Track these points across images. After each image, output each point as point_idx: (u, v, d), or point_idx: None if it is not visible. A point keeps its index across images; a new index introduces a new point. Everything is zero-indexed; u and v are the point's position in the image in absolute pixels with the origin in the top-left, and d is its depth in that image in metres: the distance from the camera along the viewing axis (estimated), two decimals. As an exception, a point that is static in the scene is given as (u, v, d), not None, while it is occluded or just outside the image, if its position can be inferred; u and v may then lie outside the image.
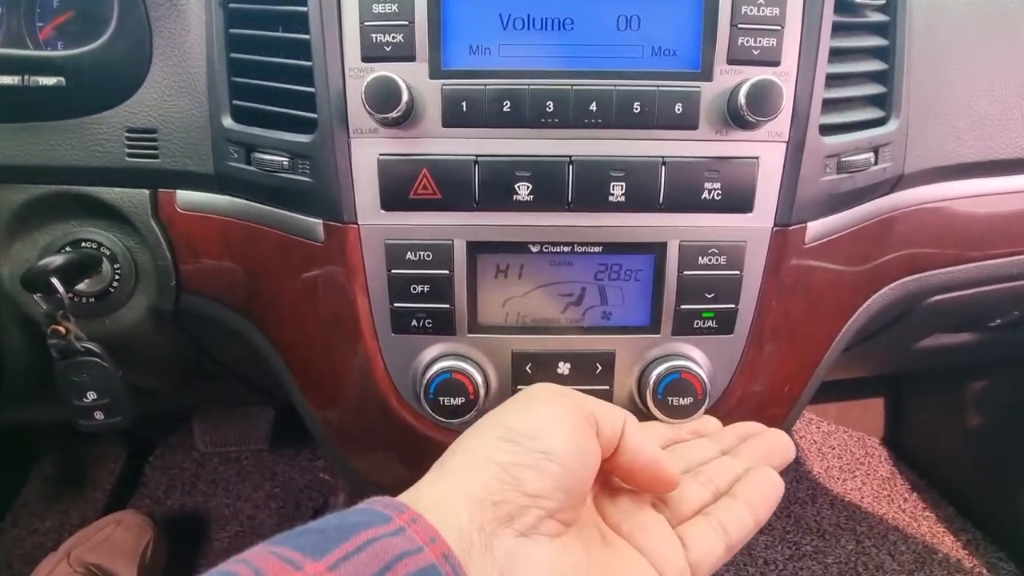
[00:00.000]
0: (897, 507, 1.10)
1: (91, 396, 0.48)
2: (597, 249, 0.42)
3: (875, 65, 0.43)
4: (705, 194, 0.40)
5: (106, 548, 0.87)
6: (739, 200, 0.40)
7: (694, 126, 0.39)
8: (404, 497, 0.27)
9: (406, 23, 0.37)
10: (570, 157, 0.39)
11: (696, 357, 0.43)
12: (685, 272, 0.41)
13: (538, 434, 0.28)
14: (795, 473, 1.17)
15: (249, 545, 0.23)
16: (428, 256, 0.41)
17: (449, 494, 0.26)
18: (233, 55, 0.42)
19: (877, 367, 0.95)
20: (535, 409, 0.30)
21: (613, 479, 0.34)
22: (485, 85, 0.38)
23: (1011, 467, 0.97)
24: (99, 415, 0.49)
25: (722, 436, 0.39)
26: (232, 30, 0.42)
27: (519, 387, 0.44)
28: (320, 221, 0.42)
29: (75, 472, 1.09)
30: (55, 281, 0.43)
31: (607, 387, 0.44)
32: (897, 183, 0.46)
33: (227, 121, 0.43)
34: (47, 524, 1.03)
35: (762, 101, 0.37)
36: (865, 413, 1.26)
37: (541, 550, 0.27)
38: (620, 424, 0.32)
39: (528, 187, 0.39)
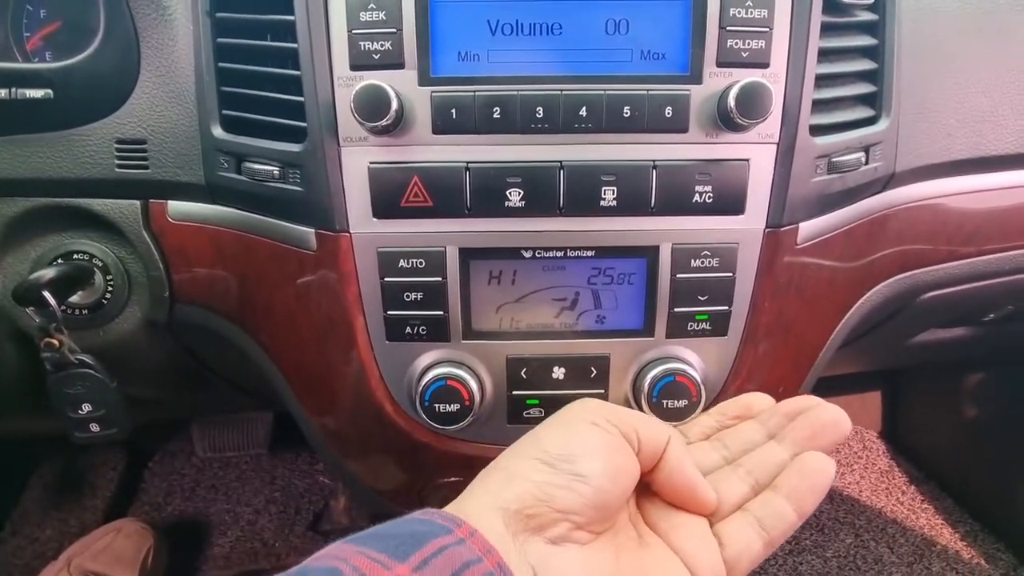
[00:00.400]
0: (895, 500, 1.10)
1: (86, 408, 0.48)
2: (590, 253, 0.42)
3: (865, 64, 0.43)
4: (696, 197, 0.40)
5: (107, 556, 0.87)
6: (730, 202, 0.40)
7: (684, 129, 0.39)
8: (451, 508, 0.29)
9: (394, 31, 0.37)
10: (561, 162, 0.39)
11: (690, 359, 0.44)
12: (678, 275, 0.41)
13: (575, 458, 0.29)
14: (794, 468, 1.18)
15: (250, 551, 0.24)
16: (421, 263, 0.41)
17: (488, 505, 0.29)
18: (221, 65, 0.42)
19: (873, 363, 0.95)
20: (574, 431, 0.31)
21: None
22: (475, 92, 0.38)
23: (1008, 458, 0.98)
24: (95, 427, 0.49)
25: (770, 416, 0.37)
26: (220, 39, 0.42)
27: (514, 392, 0.44)
28: (312, 230, 0.42)
29: (74, 480, 1.09)
30: (47, 294, 0.43)
31: (602, 391, 0.44)
32: (888, 182, 0.46)
33: (217, 131, 0.43)
34: (47, 533, 1.03)
35: (752, 103, 0.37)
36: (862, 407, 1.27)
37: (571, 555, 0.29)
38: (663, 442, 0.32)
39: (519, 193, 0.39)
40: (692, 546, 0.31)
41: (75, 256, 0.47)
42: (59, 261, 0.47)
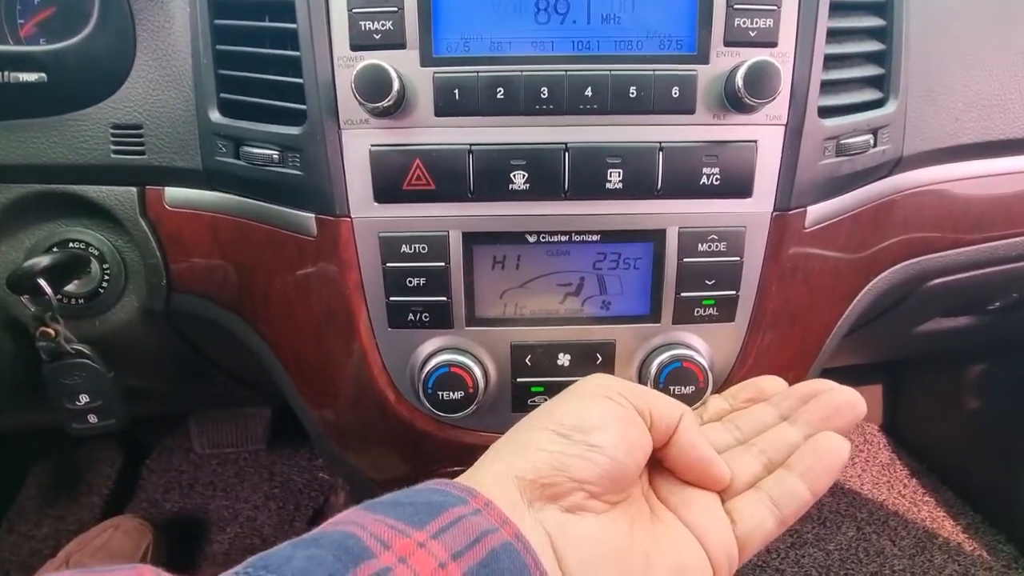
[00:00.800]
0: (897, 493, 1.10)
1: (84, 399, 0.47)
2: (595, 238, 0.41)
3: (873, 46, 0.43)
4: (704, 179, 0.39)
5: (105, 553, 0.86)
6: (738, 185, 0.40)
7: (691, 110, 0.38)
8: (464, 479, 0.29)
9: (395, 9, 0.36)
10: (566, 144, 0.38)
11: (697, 345, 0.43)
12: (685, 259, 0.41)
13: (588, 430, 0.29)
14: (795, 461, 1.18)
15: (249, 547, 0.24)
16: (423, 248, 0.40)
17: (503, 475, 0.28)
18: (219, 47, 0.41)
19: (876, 353, 0.95)
20: (587, 405, 0.31)
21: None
22: (478, 72, 0.37)
23: (1009, 450, 0.98)
24: (92, 418, 0.48)
25: (783, 399, 0.37)
26: (217, 21, 0.41)
27: (519, 380, 0.43)
28: (312, 215, 0.41)
29: (71, 477, 1.08)
30: (42, 282, 0.42)
31: (608, 377, 0.43)
32: (896, 166, 0.46)
33: (214, 115, 0.42)
34: (43, 531, 1.02)
35: (760, 83, 0.36)
36: (864, 400, 1.27)
37: (587, 523, 0.29)
38: (675, 419, 0.32)
39: (524, 176, 0.39)
40: (704, 521, 0.31)
41: (71, 244, 0.46)
42: (54, 249, 0.46)
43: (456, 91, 0.37)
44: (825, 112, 0.41)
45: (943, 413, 1.11)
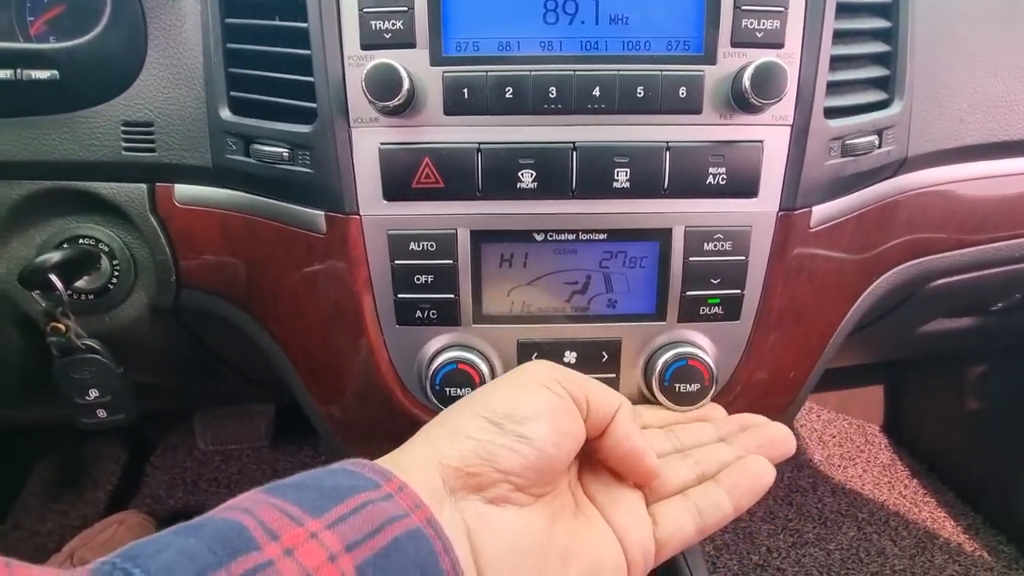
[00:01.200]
0: (898, 493, 1.10)
1: (93, 394, 0.47)
2: (602, 236, 0.41)
3: (878, 47, 0.43)
4: (710, 179, 0.39)
5: (109, 549, 0.86)
6: (744, 185, 0.40)
7: (698, 110, 0.39)
8: (386, 461, 0.28)
9: (405, 9, 0.37)
10: (574, 143, 0.39)
11: (702, 344, 0.43)
12: (690, 258, 0.41)
13: (521, 419, 0.29)
14: (796, 461, 1.18)
15: None
16: (432, 246, 0.41)
17: (428, 459, 0.28)
18: (230, 45, 0.42)
19: (879, 354, 0.95)
20: (523, 392, 0.31)
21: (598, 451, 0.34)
22: (487, 72, 0.38)
23: (1010, 452, 0.98)
24: (102, 413, 0.48)
25: (723, 424, 0.39)
26: (228, 20, 0.41)
27: (525, 377, 0.44)
28: (321, 212, 0.41)
29: (75, 473, 1.09)
30: (54, 278, 0.42)
31: (613, 375, 0.44)
32: (900, 166, 0.46)
33: (225, 113, 0.42)
34: (47, 526, 1.02)
35: (767, 83, 0.36)
36: (865, 401, 1.27)
37: (509, 516, 0.28)
38: (612, 410, 0.32)
39: (532, 174, 0.39)
40: (626, 520, 0.31)
41: (81, 240, 0.47)
42: (65, 245, 0.46)
43: (465, 90, 0.38)
44: (831, 113, 0.41)
45: (944, 414, 1.11)
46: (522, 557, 0.28)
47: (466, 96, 0.38)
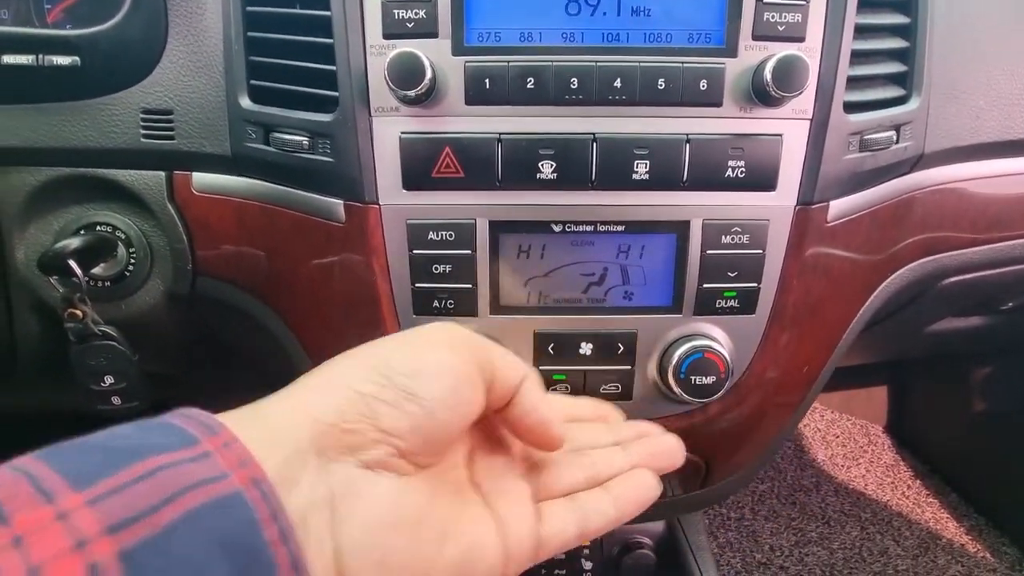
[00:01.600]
0: (901, 494, 1.11)
1: (108, 381, 0.47)
2: (620, 228, 0.41)
3: (897, 43, 0.43)
4: (729, 172, 0.40)
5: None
6: (763, 178, 0.40)
7: (718, 103, 0.39)
8: (247, 410, 0.24)
9: (429, -1, 0.37)
10: (594, 135, 0.39)
11: (718, 337, 0.43)
12: (708, 251, 0.41)
13: (415, 375, 0.26)
14: (799, 461, 1.18)
15: None
16: (451, 236, 0.41)
17: (298, 412, 0.24)
18: (251, 34, 0.42)
19: (886, 353, 0.95)
20: (422, 350, 0.27)
21: (499, 435, 0.32)
22: (508, 62, 0.38)
23: (1014, 454, 0.98)
24: (116, 400, 0.48)
25: (619, 427, 0.37)
26: (249, 8, 0.41)
27: (541, 367, 0.44)
28: (340, 201, 0.41)
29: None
30: (73, 263, 0.42)
31: (629, 367, 0.44)
32: (916, 163, 0.46)
33: (245, 101, 0.42)
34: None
35: (788, 77, 0.36)
36: (868, 401, 1.27)
37: (384, 484, 0.25)
38: (518, 380, 0.30)
39: (552, 165, 0.39)
40: (510, 511, 0.29)
41: (98, 227, 0.47)
42: (82, 232, 0.46)
43: (487, 80, 0.38)
44: (850, 108, 0.41)
45: (948, 415, 1.12)
46: (396, 533, 0.24)
47: (487, 86, 0.38)
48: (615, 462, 0.33)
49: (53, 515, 0.17)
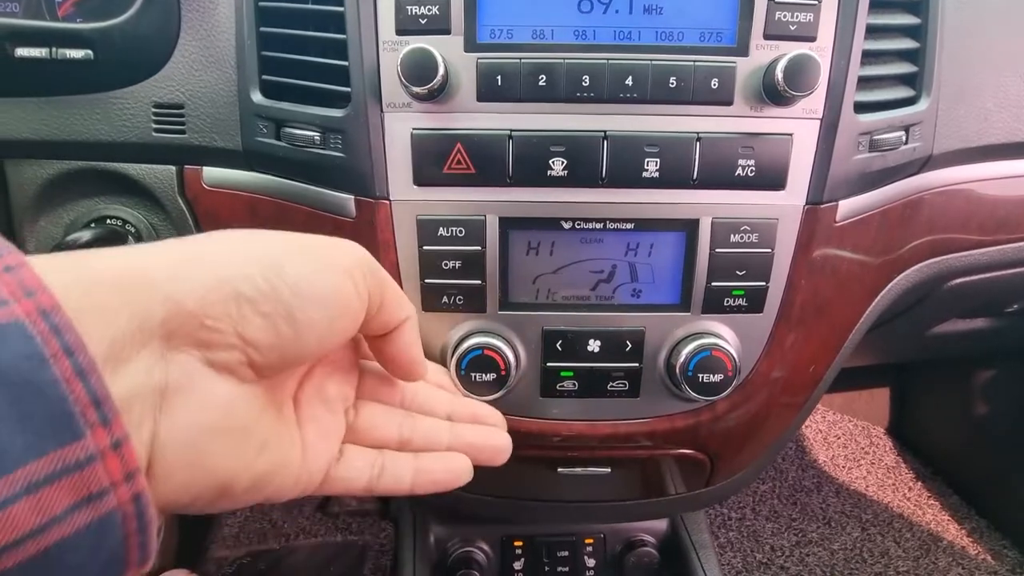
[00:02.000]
0: (902, 495, 1.11)
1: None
2: (629, 226, 0.42)
3: (908, 44, 0.43)
4: (739, 171, 0.40)
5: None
6: (772, 177, 0.40)
7: (729, 102, 0.39)
8: (85, 257, 0.20)
9: (442, -5, 0.37)
10: (605, 132, 0.39)
11: (725, 335, 0.44)
12: (717, 249, 0.41)
13: (304, 297, 0.24)
14: (801, 462, 1.18)
15: (259, 531, 0.21)
16: (460, 232, 0.41)
17: (153, 283, 0.21)
18: (263, 29, 0.42)
19: (889, 355, 0.95)
20: (324, 269, 0.25)
21: (344, 363, 0.32)
22: (520, 59, 0.38)
23: (1016, 456, 0.98)
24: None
25: (459, 404, 0.37)
26: (262, 3, 0.42)
27: (549, 364, 0.44)
28: (351, 197, 0.42)
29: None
30: (83, 256, 0.43)
31: (637, 364, 0.44)
32: (925, 163, 0.46)
33: (256, 96, 0.43)
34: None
35: (800, 76, 0.37)
36: (870, 402, 1.27)
37: (222, 388, 0.23)
38: (402, 318, 0.30)
39: (562, 163, 0.39)
40: (314, 440, 0.29)
41: (108, 221, 0.47)
42: (92, 225, 0.46)
43: (499, 77, 0.38)
44: (860, 108, 0.41)
45: (950, 417, 1.12)
46: (216, 438, 0.23)
47: (499, 83, 0.38)
48: (436, 438, 0.33)
49: None
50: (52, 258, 0.20)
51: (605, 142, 0.39)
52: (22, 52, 0.42)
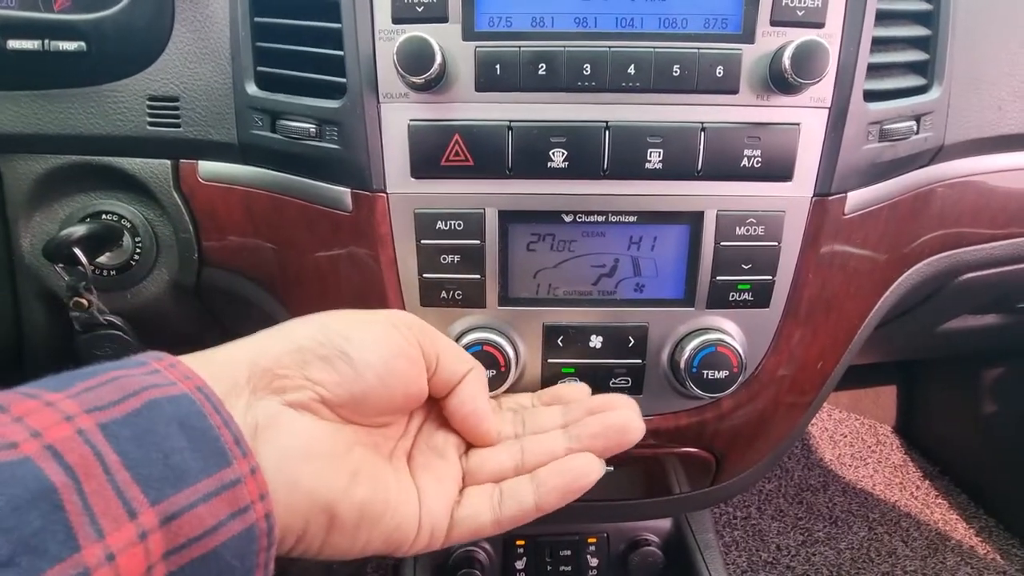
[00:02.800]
0: (909, 494, 1.09)
1: (113, 370, 0.47)
2: (632, 219, 0.41)
3: (919, 31, 0.42)
4: (744, 161, 0.39)
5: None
6: (779, 168, 0.39)
7: (734, 90, 0.38)
8: (199, 354, 0.27)
9: (439, -18, 0.36)
10: (607, 122, 0.38)
11: (730, 331, 0.43)
12: (722, 243, 0.40)
13: (352, 340, 0.29)
14: (807, 460, 1.17)
15: None
16: (459, 225, 0.40)
17: (240, 356, 0.27)
18: (257, 19, 0.41)
19: (898, 352, 0.94)
20: (368, 325, 0.31)
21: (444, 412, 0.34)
22: (520, 47, 0.37)
23: (1023, 455, 0.97)
24: (121, 390, 0.48)
25: (574, 408, 0.37)
26: (257, -7, 0.41)
27: (550, 360, 0.43)
28: (348, 190, 0.41)
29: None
30: (78, 251, 0.42)
31: (640, 361, 0.43)
32: (936, 154, 0.45)
33: (251, 88, 0.42)
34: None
35: (808, 63, 0.35)
36: (877, 401, 1.26)
37: (302, 421, 0.28)
38: (462, 373, 0.33)
39: (563, 154, 0.38)
40: (429, 486, 0.32)
41: (103, 216, 0.46)
42: (88, 220, 0.46)
43: (497, 66, 0.37)
44: (869, 96, 0.40)
45: (958, 416, 1.10)
46: (303, 461, 0.27)
47: (498, 72, 0.37)
48: (552, 447, 0.33)
49: (42, 403, 0.21)
50: (194, 356, 0.27)
51: (607, 133, 0.38)
52: (14, 44, 0.41)
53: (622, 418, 0.34)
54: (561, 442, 0.34)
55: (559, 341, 0.43)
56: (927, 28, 0.42)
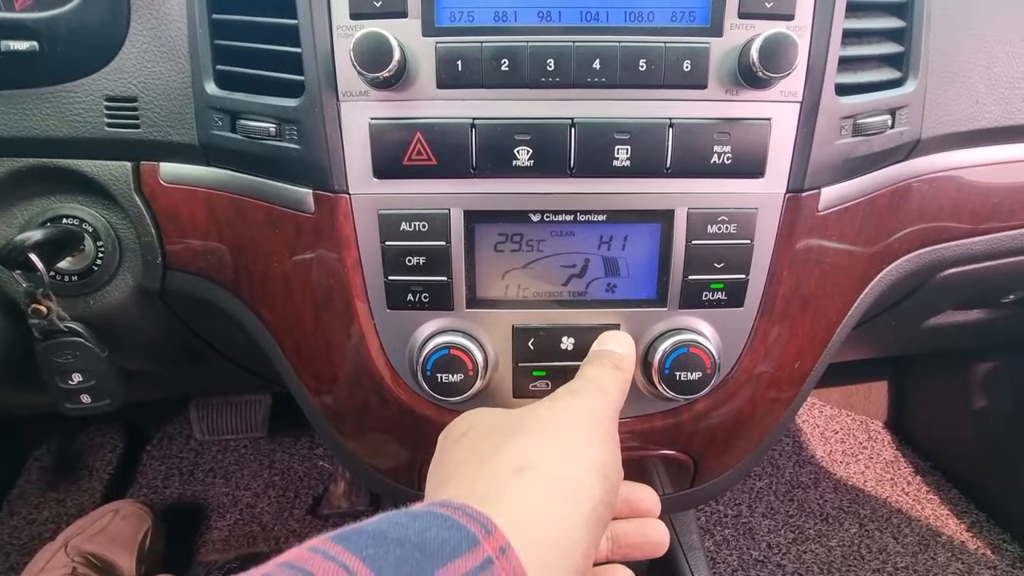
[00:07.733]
0: (900, 490, 1.09)
1: (76, 378, 0.46)
2: (601, 218, 0.40)
3: (892, 22, 0.41)
4: (714, 158, 0.38)
5: (104, 537, 0.86)
6: (750, 164, 0.38)
7: (703, 85, 0.37)
8: (486, 504, 0.25)
9: (397, -24, 0.35)
10: (572, 119, 0.37)
11: (704, 331, 0.42)
12: (693, 241, 0.40)
13: (617, 471, 0.30)
14: (798, 457, 1.17)
15: (248, 534, 0.21)
16: (424, 227, 0.39)
17: (553, 533, 0.25)
18: (215, 16, 0.40)
19: (885, 348, 0.93)
20: (609, 444, 0.31)
21: None
22: (482, 42, 0.36)
23: (1014, 449, 0.97)
24: (86, 398, 0.47)
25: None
26: (214, -11, 0.40)
27: (521, 364, 0.42)
28: (310, 191, 0.40)
29: (72, 461, 1.08)
30: (34, 257, 0.41)
31: (611, 363, 0.42)
32: (913, 149, 0.44)
33: (210, 87, 0.41)
34: (44, 514, 1.02)
35: (776, 56, 0.34)
36: (868, 397, 1.25)
37: None
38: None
39: (528, 152, 0.37)
40: None
41: (64, 220, 0.45)
42: (47, 225, 0.45)
43: (459, 62, 0.36)
44: (842, 90, 0.39)
45: (949, 411, 1.10)
46: None
47: (460, 68, 0.36)
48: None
49: None
50: (512, 522, 0.25)
51: (573, 129, 0.37)
52: (-37, 45, 0.40)
53: (659, 533, 0.37)
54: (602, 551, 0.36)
55: (530, 344, 0.42)
56: (902, 20, 0.41)
